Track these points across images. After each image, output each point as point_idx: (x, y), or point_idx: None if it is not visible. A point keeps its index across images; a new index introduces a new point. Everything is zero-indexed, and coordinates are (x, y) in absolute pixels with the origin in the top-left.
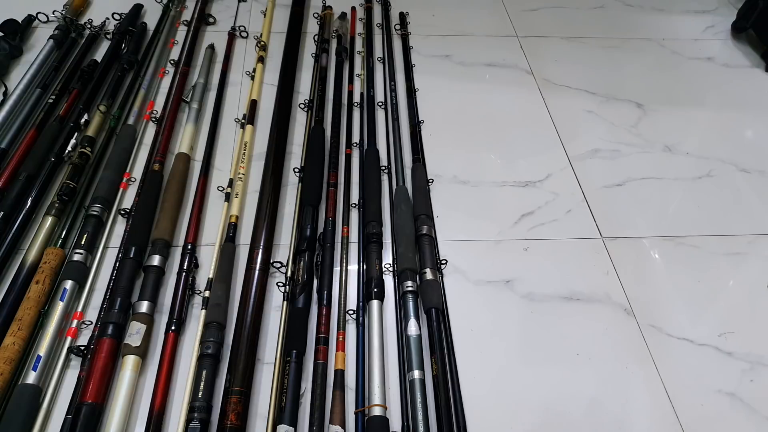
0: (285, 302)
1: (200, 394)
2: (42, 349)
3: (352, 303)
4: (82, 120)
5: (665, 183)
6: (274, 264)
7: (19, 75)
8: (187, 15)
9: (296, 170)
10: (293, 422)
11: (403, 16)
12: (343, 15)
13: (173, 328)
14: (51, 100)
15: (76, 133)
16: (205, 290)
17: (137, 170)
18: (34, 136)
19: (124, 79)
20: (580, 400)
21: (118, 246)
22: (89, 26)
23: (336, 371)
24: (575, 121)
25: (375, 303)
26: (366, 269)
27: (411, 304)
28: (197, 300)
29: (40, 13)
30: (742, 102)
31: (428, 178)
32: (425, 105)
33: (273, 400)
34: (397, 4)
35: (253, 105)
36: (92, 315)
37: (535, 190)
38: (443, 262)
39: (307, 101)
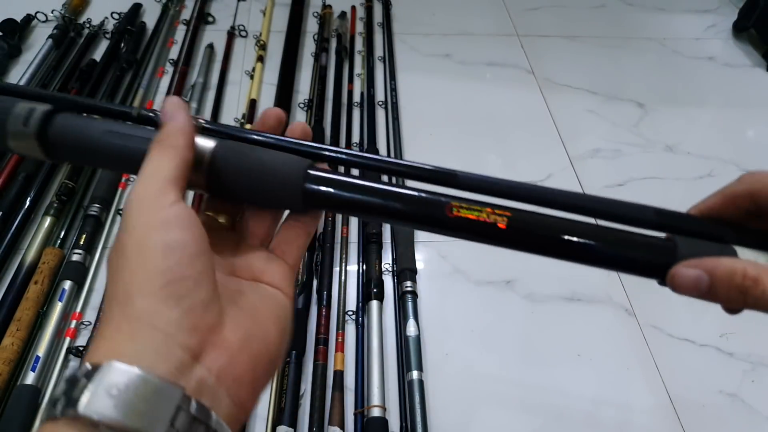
0: None
1: None
2: (41, 350)
3: (351, 303)
4: None
5: (666, 183)
6: None
7: (18, 74)
8: (186, 14)
9: None
10: (293, 423)
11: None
12: (342, 14)
13: None
14: None
15: None
16: None
17: None
18: None
19: (123, 78)
20: (581, 401)
21: None
22: (88, 25)
23: (335, 372)
24: (576, 120)
25: (374, 303)
26: (365, 270)
27: (410, 305)
28: None
29: (38, 12)
30: (744, 102)
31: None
32: (425, 105)
33: (272, 401)
34: (397, 3)
35: (253, 104)
36: (91, 315)
37: None
38: None
39: (306, 100)
